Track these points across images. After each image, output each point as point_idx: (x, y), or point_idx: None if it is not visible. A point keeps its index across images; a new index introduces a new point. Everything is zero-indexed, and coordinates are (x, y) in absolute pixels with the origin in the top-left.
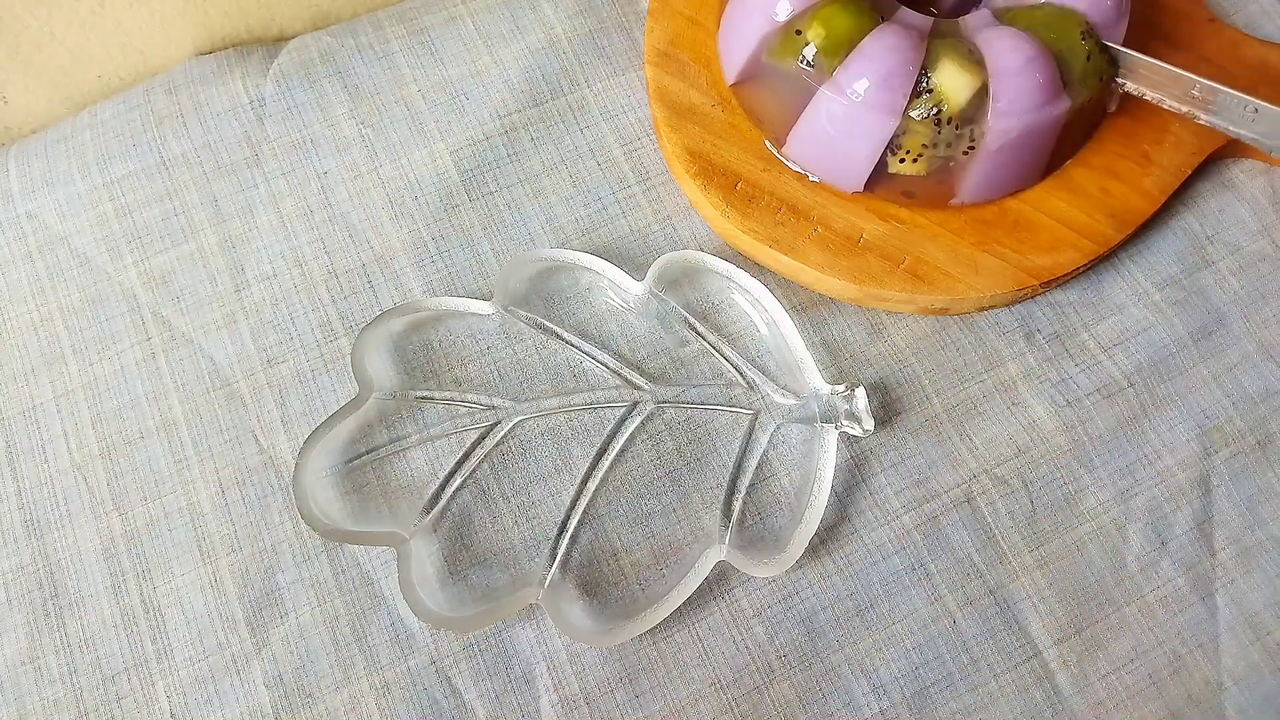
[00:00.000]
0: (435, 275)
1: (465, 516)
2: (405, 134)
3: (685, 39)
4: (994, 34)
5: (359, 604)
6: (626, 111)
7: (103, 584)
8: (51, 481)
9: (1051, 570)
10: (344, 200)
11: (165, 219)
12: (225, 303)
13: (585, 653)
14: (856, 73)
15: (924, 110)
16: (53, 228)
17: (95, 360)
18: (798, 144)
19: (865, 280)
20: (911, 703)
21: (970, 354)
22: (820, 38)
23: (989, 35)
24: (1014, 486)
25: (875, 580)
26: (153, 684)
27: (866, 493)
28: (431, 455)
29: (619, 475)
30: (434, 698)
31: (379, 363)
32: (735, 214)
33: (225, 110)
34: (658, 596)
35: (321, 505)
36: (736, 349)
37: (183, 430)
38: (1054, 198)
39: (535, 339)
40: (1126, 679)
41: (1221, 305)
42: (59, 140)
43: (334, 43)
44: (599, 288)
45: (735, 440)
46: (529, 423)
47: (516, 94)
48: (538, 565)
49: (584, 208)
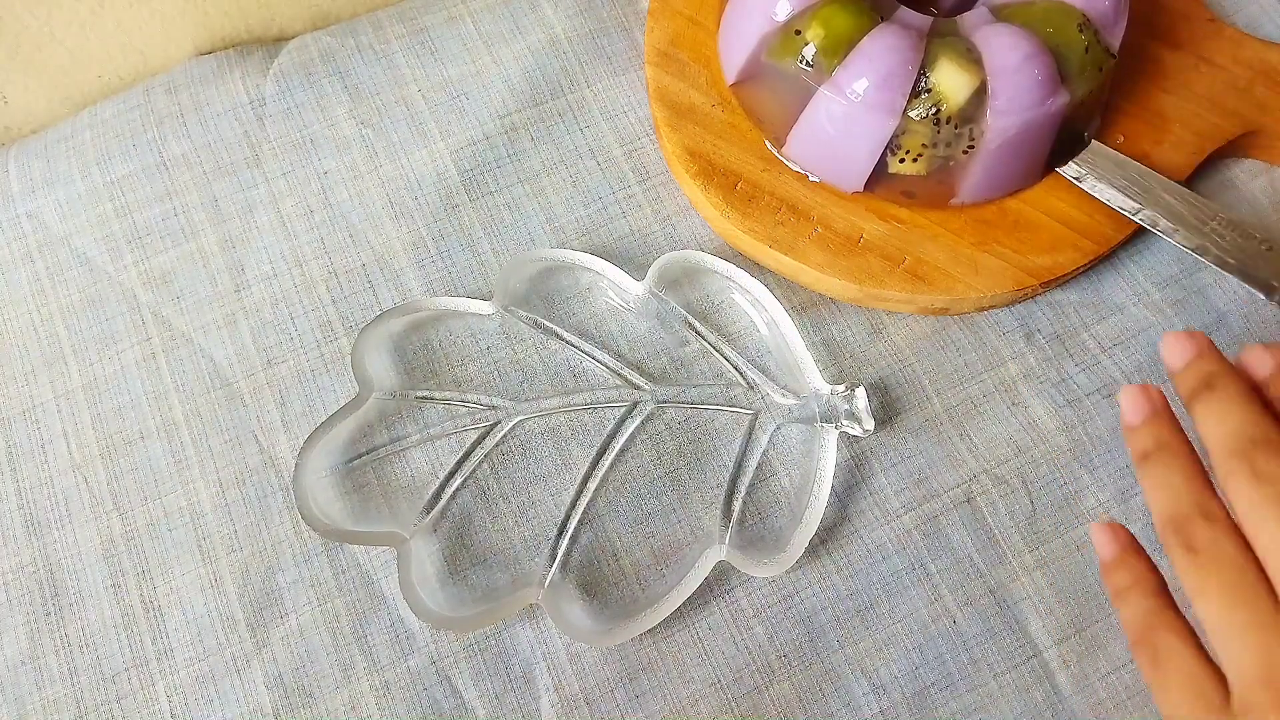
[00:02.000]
0: (435, 275)
1: (465, 516)
2: (405, 134)
3: (685, 39)
4: (991, 31)
5: (359, 604)
6: (626, 111)
7: (103, 584)
8: (51, 481)
9: (1051, 570)
10: (344, 200)
11: (165, 219)
12: (225, 303)
13: (585, 653)
14: (856, 72)
15: (923, 110)
16: (53, 228)
17: (95, 360)
18: (797, 144)
19: (865, 280)
20: (911, 703)
21: (970, 354)
22: (820, 38)
23: (986, 33)
24: (1014, 486)
25: (875, 580)
26: (153, 684)
27: (866, 493)
28: (431, 455)
29: (619, 475)
30: (434, 698)
31: (379, 363)
32: (735, 214)
33: (225, 110)
34: (658, 596)
35: (321, 505)
36: (736, 349)
37: (183, 430)
38: (1054, 198)
39: (535, 339)
40: (1126, 679)
41: (1222, 305)
42: (59, 140)
43: (334, 43)
44: (599, 288)
45: (735, 440)
46: (529, 423)
47: (516, 94)
48: (538, 565)
49: (584, 208)
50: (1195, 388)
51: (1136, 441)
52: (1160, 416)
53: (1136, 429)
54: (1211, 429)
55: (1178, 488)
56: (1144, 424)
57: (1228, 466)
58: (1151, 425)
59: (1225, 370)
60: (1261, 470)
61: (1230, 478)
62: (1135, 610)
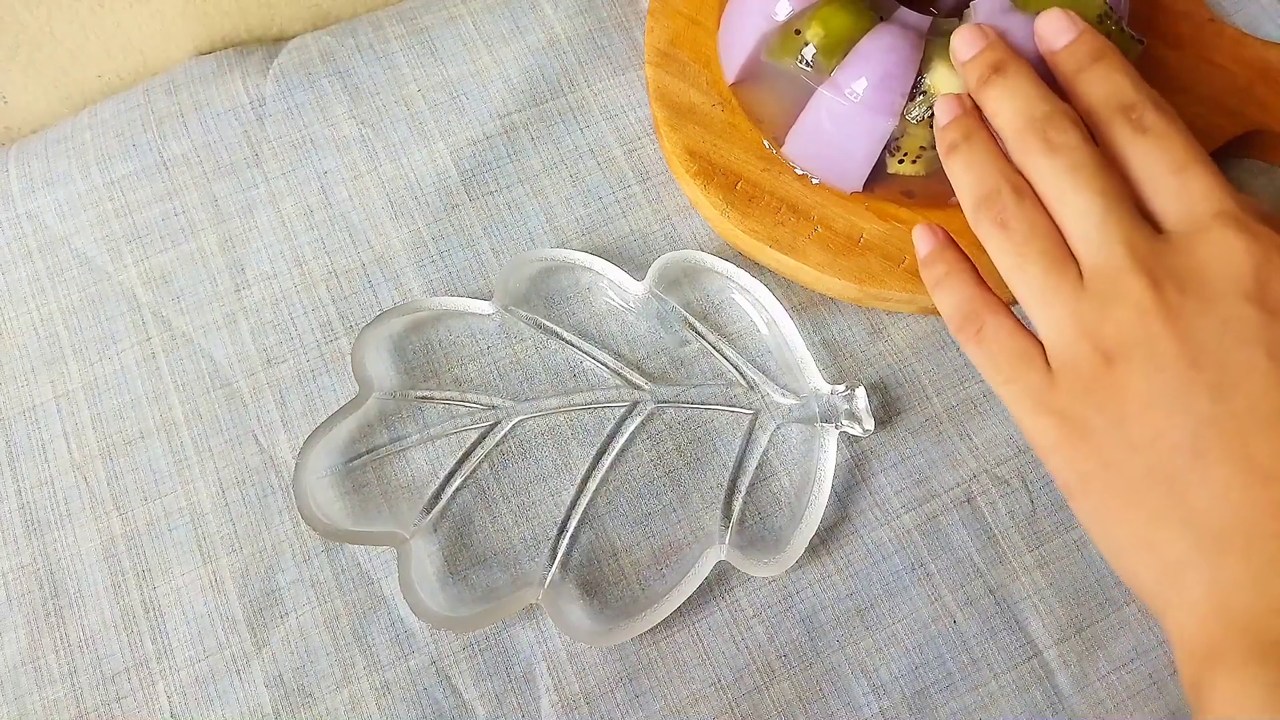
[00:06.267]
0: (435, 275)
1: (465, 516)
2: (405, 134)
3: (685, 39)
4: (1006, 22)
5: (359, 604)
6: (626, 111)
7: (103, 584)
8: (51, 481)
9: (1051, 570)
10: (344, 200)
11: (165, 219)
12: (225, 303)
13: (585, 653)
14: (854, 73)
15: (919, 112)
16: (53, 228)
17: (95, 360)
18: (797, 144)
19: (865, 280)
20: (911, 703)
21: None
22: (819, 37)
23: (1002, 24)
24: (1014, 486)
25: (875, 580)
26: (153, 684)
27: (866, 493)
28: (431, 455)
29: (619, 475)
30: (434, 698)
31: (379, 363)
32: (735, 214)
33: (225, 110)
34: (658, 596)
35: (321, 505)
36: (736, 349)
37: (183, 430)
38: None
39: (535, 339)
40: (1126, 679)
41: None
42: (59, 140)
43: (334, 43)
44: (599, 288)
45: (735, 440)
46: (529, 423)
47: (516, 94)
48: (538, 565)
49: (584, 207)
50: (984, 74)
51: (945, 137)
52: (970, 114)
53: (945, 126)
54: (1003, 110)
55: (985, 166)
56: (953, 120)
57: (1022, 143)
58: (960, 120)
59: (1011, 56)
60: (1054, 141)
61: (1026, 155)
62: (954, 295)
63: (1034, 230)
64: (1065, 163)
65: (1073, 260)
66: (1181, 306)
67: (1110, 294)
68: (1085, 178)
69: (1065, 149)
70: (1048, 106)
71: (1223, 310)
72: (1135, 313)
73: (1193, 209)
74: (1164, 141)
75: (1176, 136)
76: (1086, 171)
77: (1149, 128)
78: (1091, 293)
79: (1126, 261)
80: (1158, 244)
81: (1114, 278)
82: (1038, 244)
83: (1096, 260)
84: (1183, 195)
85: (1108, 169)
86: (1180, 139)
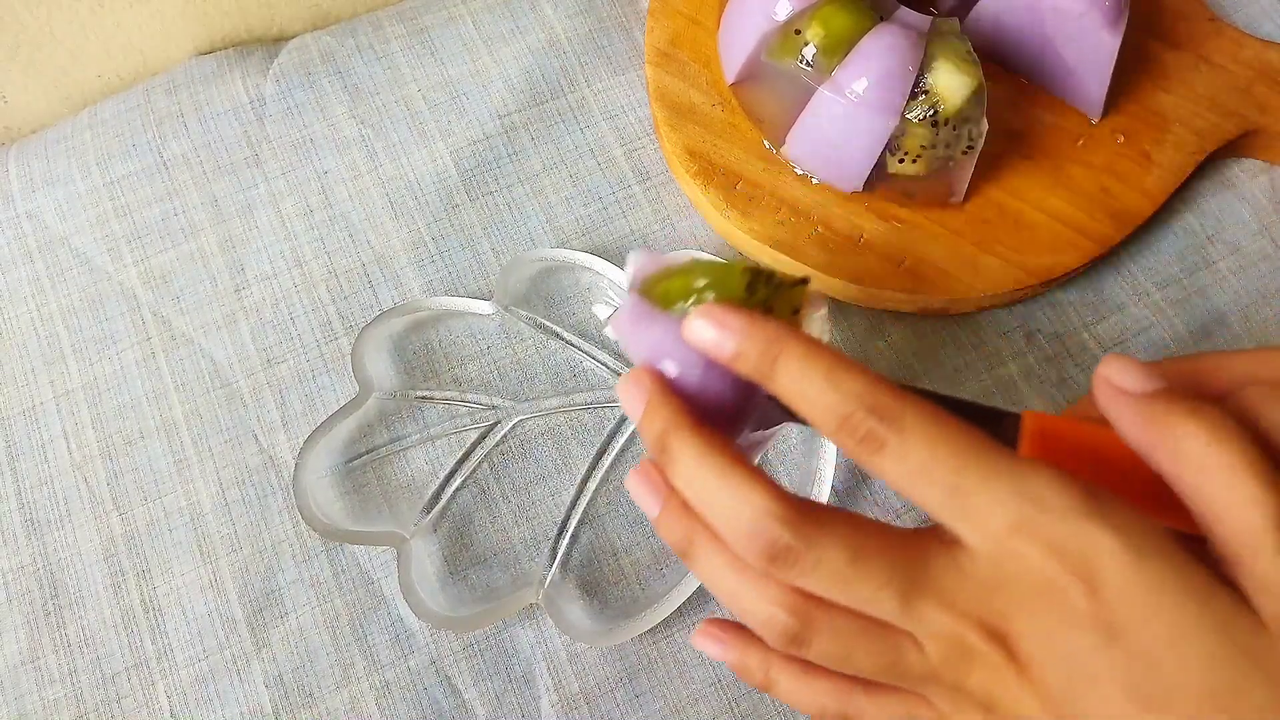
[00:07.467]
0: (435, 275)
1: (465, 516)
2: (405, 134)
3: (685, 39)
4: (649, 333)
5: (359, 604)
6: (626, 111)
7: (103, 584)
8: (51, 481)
9: None
10: (344, 200)
11: (165, 219)
12: (225, 303)
13: (585, 653)
14: (855, 72)
15: (920, 112)
16: (53, 228)
17: (95, 360)
18: (797, 144)
19: (865, 280)
20: None
21: (970, 353)
22: (819, 37)
23: (646, 339)
24: None
25: None
26: (153, 684)
27: (866, 493)
28: (431, 455)
29: (619, 475)
30: (434, 698)
31: (379, 363)
32: (735, 214)
33: (225, 110)
34: (658, 596)
35: (321, 505)
36: None
37: (183, 430)
38: (1054, 197)
39: (535, 339)
40: None
41: (1222, 305)
42: (59, 140)
43: (334, 43)
44: (599, 288)
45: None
46: (529, 423)
47: (516, 94)
48: (538, 565)
49: (584, 207)
50: (658, 452)
51: (667, 536)
52: (686, 514)
53: (659, 523)
54: (722, 524)
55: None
56: (669, 520)
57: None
58: (678, 522)
59: (690, 427)
60: (799, 558)
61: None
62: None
63: (852, 647)
64: (825, 572)
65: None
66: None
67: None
68: (863, 571)
69: (817, 564)
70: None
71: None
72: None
73: (986, 526)
74: (905, 452)
75: (914, 435)
76: (861, 565)
77: (883, 441)
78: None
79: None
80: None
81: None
82: (858, 661)
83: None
84: (969, 516)
85: (876, 556)
86: (919, 437)
